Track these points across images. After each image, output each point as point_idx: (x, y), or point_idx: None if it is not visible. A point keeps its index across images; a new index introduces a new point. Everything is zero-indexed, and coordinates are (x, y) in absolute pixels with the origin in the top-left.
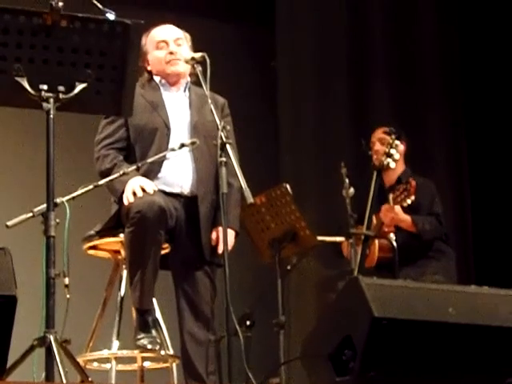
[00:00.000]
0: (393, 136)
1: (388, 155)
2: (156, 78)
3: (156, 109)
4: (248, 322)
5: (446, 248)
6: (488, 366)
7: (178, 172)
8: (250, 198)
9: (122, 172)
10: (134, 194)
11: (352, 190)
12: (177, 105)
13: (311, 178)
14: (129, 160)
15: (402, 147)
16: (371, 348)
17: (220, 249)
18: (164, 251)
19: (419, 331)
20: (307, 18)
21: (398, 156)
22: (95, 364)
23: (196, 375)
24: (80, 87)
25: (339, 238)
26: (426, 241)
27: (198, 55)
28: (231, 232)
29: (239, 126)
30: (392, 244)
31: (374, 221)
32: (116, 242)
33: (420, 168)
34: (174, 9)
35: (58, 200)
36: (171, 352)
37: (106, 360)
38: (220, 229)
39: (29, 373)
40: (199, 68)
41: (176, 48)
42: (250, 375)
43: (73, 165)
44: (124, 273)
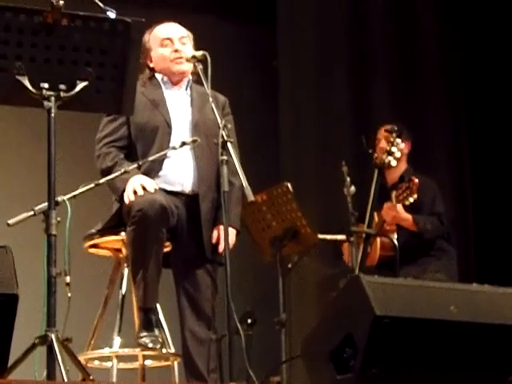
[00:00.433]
0: (394, 134)
1: (389, 153)
2: (158, 76)
3: (157, 107)
4: (249, 321)
5: (448, 247)
6: (490, 364)
7: (179, 170)
8: (251, 197)
9: (124, 170)
10: (135, 193)
11: (353, 188)
12: (178, 103)
13: (312, 177)
14: (130, 158)
15: (403, 145)
16: (372, 346)
17: (221, 247)
18: (165, 250)
19: (421, 329)
20: (308, 18)
21: (399, 154)
22: (96, 362)
23: (197, 373)
24: (81, 86)
25: (340, 237)
26: (428, 240)
27: (200, 53)
28: (232, 230)
29: (240, 125)
30: (393, 242)
31: (376, 219)
32: (117, 241)
33: (421, 166)
34: (175, 7)
35: (60, 198)
36: (172, 350)
37: (108, 358)
38: (221, 227)
39: (30, 371)
40: (200, 66)
41: (181, 46)
42: (251, 373)
43: (74, 163)
44: (125, 271)
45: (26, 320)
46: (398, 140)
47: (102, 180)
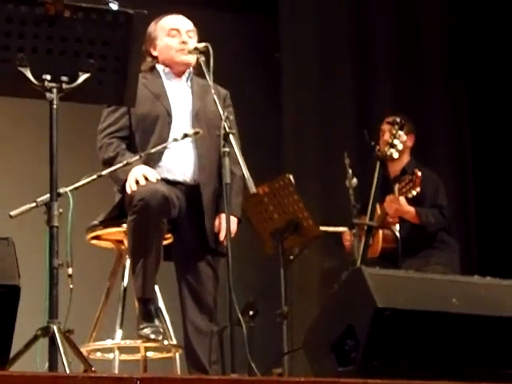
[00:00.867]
0: (396, 126)
1: (391, 146)
2: (159, 67)
3: (158, 98)
4: (251, 312)
5: (450, 239)
6: (492, 357)
7: (180, 159)
8: (253, 188)
9: (126, 162)
10: (137, 183)
11: (355, 181)
12: (179, 93)
13: (314, 169)
14: (132, 148)
15: (406, 138)
16: (374, 338)
17: (222, 235)
18: (166, 242)
19: (422, 321)
20: (310, 9)
21: (402, 147)
22: (98, 354)
23: (199, 365)
24: (83, 77)
25: (342, 229)
26: (430, 233)
27: (202, 45)
28: (234, 219)
29: (242, 117)
30: (395, 235)
31: (378, 211)
32: (119, 232)
33: (423, 159)
34: (177, 1)
35: (62, 190)
36: (174, 342)
37: (109, 350)
38: (223, 215)
39: (32, 363)
40: (202, 58)
41: (187, 39)
42: (253, 365)
43: (76, 155)
44: (127, 263)
45: (28, 311)
46: (401, 132)
47: (104, 172)
